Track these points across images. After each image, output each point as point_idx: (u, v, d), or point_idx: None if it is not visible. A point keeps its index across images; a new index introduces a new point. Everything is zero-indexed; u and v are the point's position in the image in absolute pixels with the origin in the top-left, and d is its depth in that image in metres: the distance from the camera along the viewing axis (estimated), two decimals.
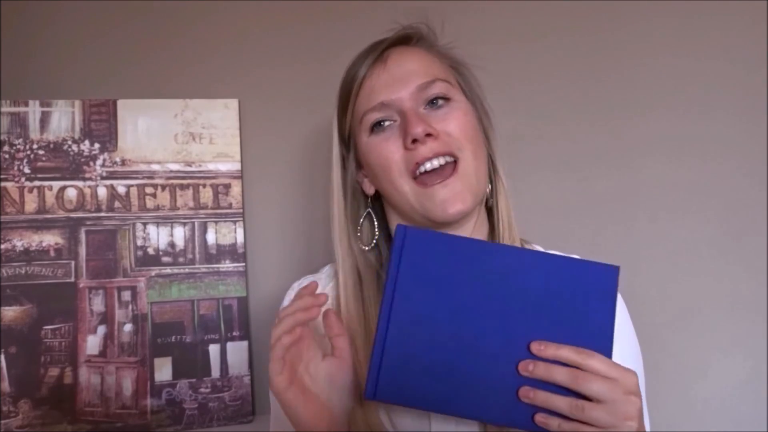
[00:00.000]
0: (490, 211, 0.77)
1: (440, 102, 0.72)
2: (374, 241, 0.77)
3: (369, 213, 0.78)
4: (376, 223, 0.78)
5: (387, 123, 0.71)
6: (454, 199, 0.69)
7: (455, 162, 0.70)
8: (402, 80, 0.71)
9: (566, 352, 0.54)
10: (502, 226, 0.74)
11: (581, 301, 0.55)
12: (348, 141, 0.77)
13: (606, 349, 0.55)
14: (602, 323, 0.55)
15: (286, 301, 0.79)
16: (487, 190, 0.76)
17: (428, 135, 0.68)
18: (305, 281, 0.80)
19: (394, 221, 0.76)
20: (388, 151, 0.71)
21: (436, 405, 0.56)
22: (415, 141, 0.68)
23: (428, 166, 0.69)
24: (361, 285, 0.74)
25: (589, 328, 0.55)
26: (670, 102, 1.11)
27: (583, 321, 0.55)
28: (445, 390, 0.56)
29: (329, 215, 0.77)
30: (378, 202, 0.78)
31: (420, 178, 0.70)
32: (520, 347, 0.55)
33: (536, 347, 0.55)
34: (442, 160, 0.69)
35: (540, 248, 0.79)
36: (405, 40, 0.76)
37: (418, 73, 0.72)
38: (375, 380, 0.56)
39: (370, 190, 0.77)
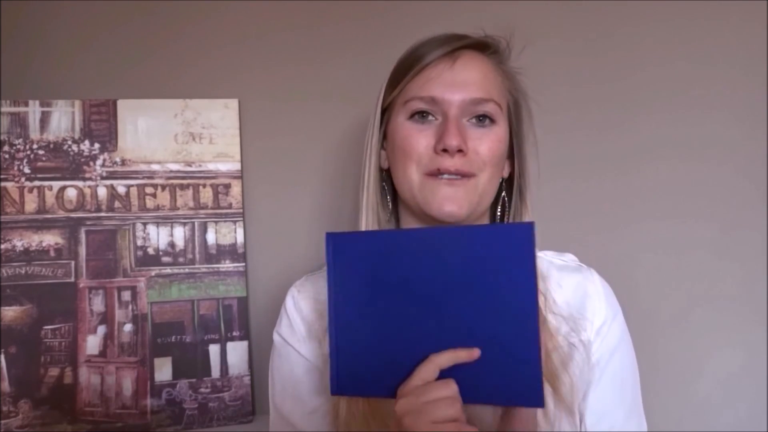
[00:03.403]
0: None
1: (486, 121, 0.73)
2: (389, 216, 0.78)
3: (384, 186, 0.79)
4: (389, 198, 0.79)
5: (430, 117, 0.72)
6: (453, 200, 0.70)
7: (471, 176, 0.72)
8: (461, 86, 0.72)
9: None
10: None
11: (501, 265, 0.55)
12: (383, 113, 0.78)
13: (530, 309, 0.55)
14: (524, 284, 0.55)
15: (288, 301, 0.79)
16: (504, 217, 0.78)
17: (459, 150, 0.69)
18: (310, 278, 0.81)
19: (402, 206, 0.78)
20: (417, 143, 0.72)
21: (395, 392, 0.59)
22: (445, 150, 0.69)
23: (446, 176, 0.71)
24: None
25: (512, 291, 0.55)
26: (671, 104, 1.11)
27: (506, 286, 0.55)
28: (402, 376, 0.58)
29: (360, 184, 0.77)
30: (389, 181, 0.79)
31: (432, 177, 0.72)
32: (455, 324, 0.57)
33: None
34: (460, 177, 0.71)
35: (552, 255, 0.79)
36: (482, 47, 0.76)
37: (478, 85, 0.72)
38: (336, 377, 0.61)
39: (384, 164, 0.78)
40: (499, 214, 0.79)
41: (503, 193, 0.79)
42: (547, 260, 0.78)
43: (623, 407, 0.73)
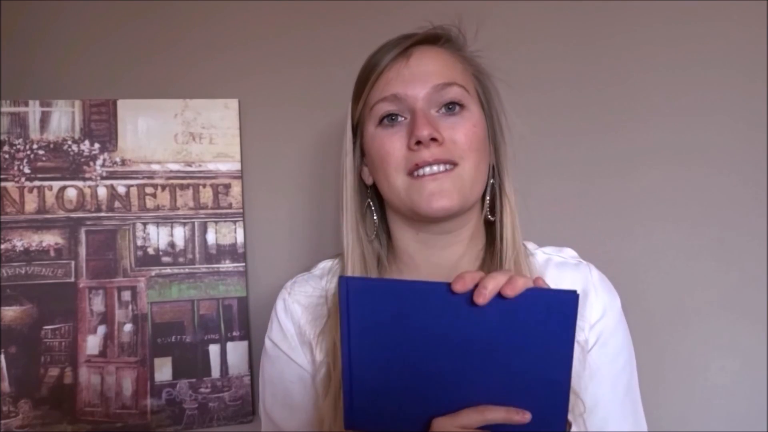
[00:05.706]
0: (491, 225, 0.77)
1: (456, 108, 0.72)
2: (375, 231, 0.78)
3: (369, 203, 0.78)
4: (375, 213, 0.78)
5: (399, 119, 0.72)
6: (440, 194, 0.69)
7: (454, 166, 0.70)
8: (420, 79, 0.71)
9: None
10: (505, 244, 0.74)
11: (540, 330, 0.54)
12: (356, 129, 0.77)
13: (564, 377, 0.55)
14: (561, 349, 0.54)
15: (278, 305, 0.79)
16: (487, 202, 0.76)
17: (433, 140, 0.68)
18: (300, 279, 0.81)
19: (391, 214, 0.77)
20: (391, 147, 0.71)
21: (413, 428, 0.58)
22: (419, 143, 0.68)
23: (427, 170, 0.69)
24: (366, 273, 0.75)
25: (548, 358, 0.54)
26: (671, 107, 1.11)
27: (542, 350, 0.54)
28: (419, 417, 0.57)
29: (339, 204, 0.77)
30: (376, 193, 0.79)
31: (416, 177, 0.70)
32: (482, 378, 0.56)
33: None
34: (441, 167, 0.69)
35: (551, 250, 0.79)
36: (433, 39, 0.75)
37: (437, 74, 0.71)
38: (350, 412, 0.58)
39: (368, 180, 0.78)
40: (488, 200, 0.77)
41: (491, 181, 0.77)
42: (545, 257, 0.78)
43: (619, 404, 0.72)
